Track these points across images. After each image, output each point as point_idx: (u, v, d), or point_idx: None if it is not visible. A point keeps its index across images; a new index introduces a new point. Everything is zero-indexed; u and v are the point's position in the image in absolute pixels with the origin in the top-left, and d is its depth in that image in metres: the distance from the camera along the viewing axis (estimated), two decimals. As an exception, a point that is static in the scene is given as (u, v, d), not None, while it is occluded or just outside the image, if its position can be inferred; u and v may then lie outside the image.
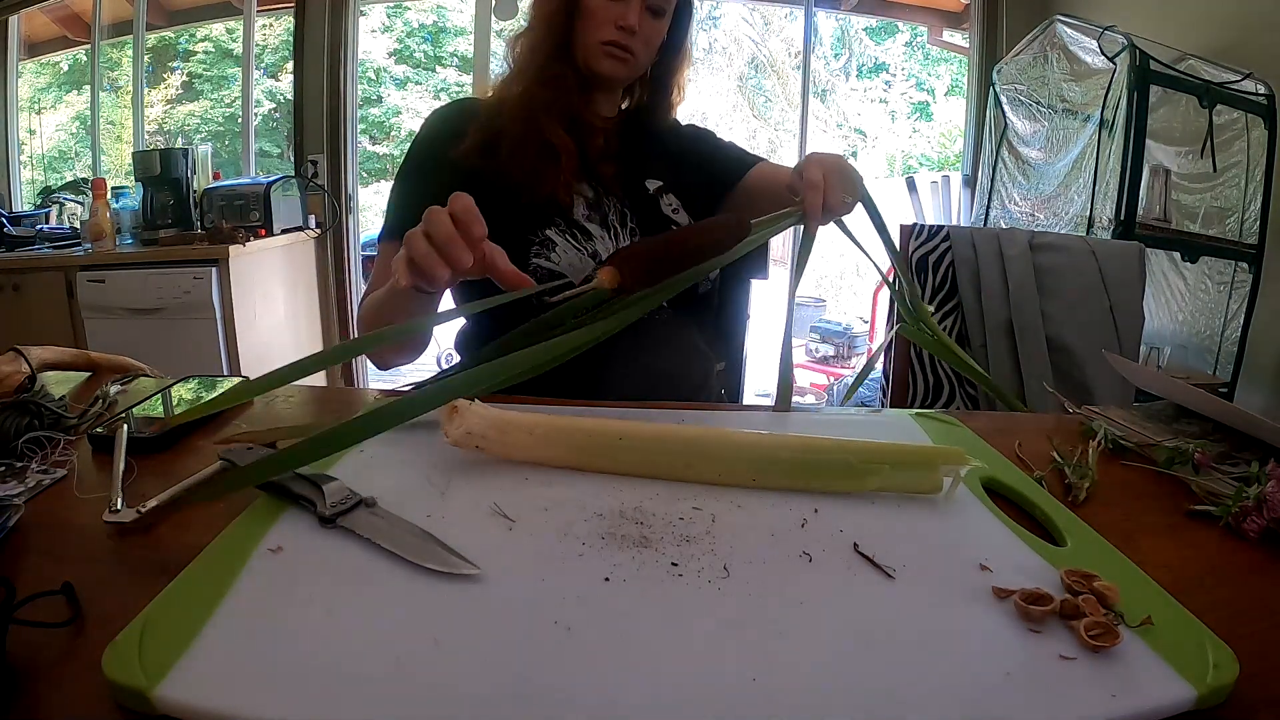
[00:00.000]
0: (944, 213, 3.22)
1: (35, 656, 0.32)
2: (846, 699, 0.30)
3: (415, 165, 0.88)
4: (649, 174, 0.94)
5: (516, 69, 0.89)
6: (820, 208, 0.72)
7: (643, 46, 0.88)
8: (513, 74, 0.90)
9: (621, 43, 0.86)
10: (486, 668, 0.31)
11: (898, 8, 3.52)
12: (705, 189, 0.96)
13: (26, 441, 0.53)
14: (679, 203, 0.94)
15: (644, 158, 0.95)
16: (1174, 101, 2.07)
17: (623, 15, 0.84)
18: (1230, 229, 2.09)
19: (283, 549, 0.39)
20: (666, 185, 0.95)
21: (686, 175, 0.96)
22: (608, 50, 0.86)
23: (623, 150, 0.94)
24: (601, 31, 0.85)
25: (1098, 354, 1.46)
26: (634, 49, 0.86)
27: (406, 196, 0.86)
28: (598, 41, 0.86)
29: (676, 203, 0.94)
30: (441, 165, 0.85)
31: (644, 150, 0.96)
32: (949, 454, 0.47)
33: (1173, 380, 0.66)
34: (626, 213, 0.89)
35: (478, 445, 0.49)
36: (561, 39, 0.87)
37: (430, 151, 0.87)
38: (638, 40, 0.86)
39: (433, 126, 0.89)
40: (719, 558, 0.40)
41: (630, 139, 0.95)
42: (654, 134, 0.97)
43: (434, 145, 0.87)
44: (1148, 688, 0.31)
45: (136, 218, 2.70)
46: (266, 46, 3.75)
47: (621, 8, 0.84)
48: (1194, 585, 0.40)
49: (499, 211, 0.79)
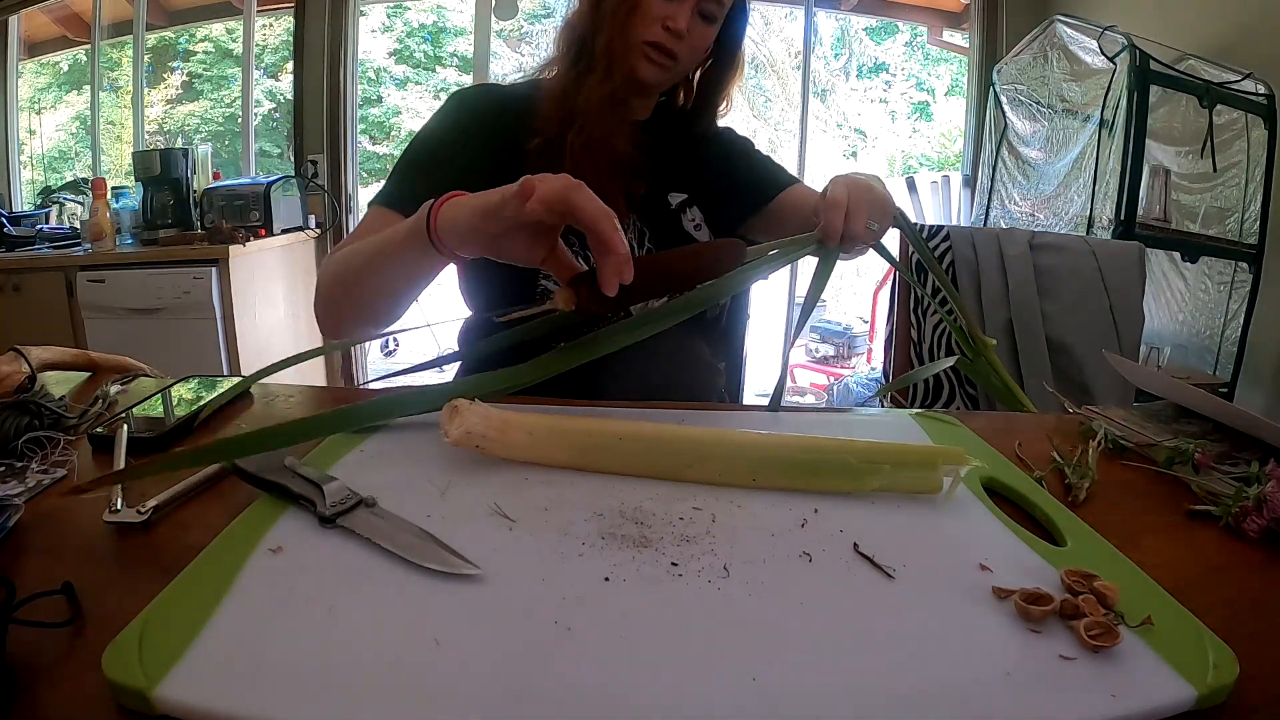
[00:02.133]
0: (944, 213, 3.22)
1: (35, 656, 0.32)
2: (846, 699, 0.30)
3: (433, 142, 0.81)
4: (674, 186, 0.88)
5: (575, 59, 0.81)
6: (839, 230, 0.66)
7: (687, 52, 0.80)
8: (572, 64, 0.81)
9: (666, 46, 0.78)
10: (486, 668, 0.31)
11: (898, 8, 3.52)
12: (734, 204, 0.90)
13: (26, 441, 0.53)
14: (702, 217, 0.88)
15: (671, 167, 0.88)
16: (1174, 101, 2.07)
17: (672, 16, 0.77)
18: (1230, 229, 2.09)
19: (283, 549, 0.39)
20: (691, 198, 0.88)
21: (714, 185, 0.90)
22: (648, 51, 0.79)
23: (649, 158, 0.85)
24: (647, 30, 0.78)
25: (1098, 354, 1.46)
26: (678, 54, 0.79)
27: (414, 169, 0.79)
28: (640, 40, 0.78)
29: (700, 217, 0.88)
30: (458, 149, 0.79)
31: (672, 158, 0.88)
32: (949, 454, 0.47)
33: (1173, 380, 0.66)
34: (646, 230, 0.84)
35: (478, 445, 0.49)
36: (628, 38, 0.79)
37: (451, 131, 0.81)
38: (683, 45, 0.79)
39: (455, 108, 0.83)
40: (719, 558, 0.40)
41: (658, 145, 0.87)
42: (686, 140, 0.90)
43: (455, 128, 0.81)
44: (1148, 688, 0.31)
45: (136, 218, 2.70)
46: (266, 46, 3.75)
47: (672, 7, 0.77)
48: (1194, 585, 0.40)
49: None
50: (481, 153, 0.79)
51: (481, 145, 0.79)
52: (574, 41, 0.82)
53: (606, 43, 0.79)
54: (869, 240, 0.70)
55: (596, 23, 0.80)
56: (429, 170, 0.78)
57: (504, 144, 0.80)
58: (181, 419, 0.59)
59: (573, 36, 0.83)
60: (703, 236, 0.87)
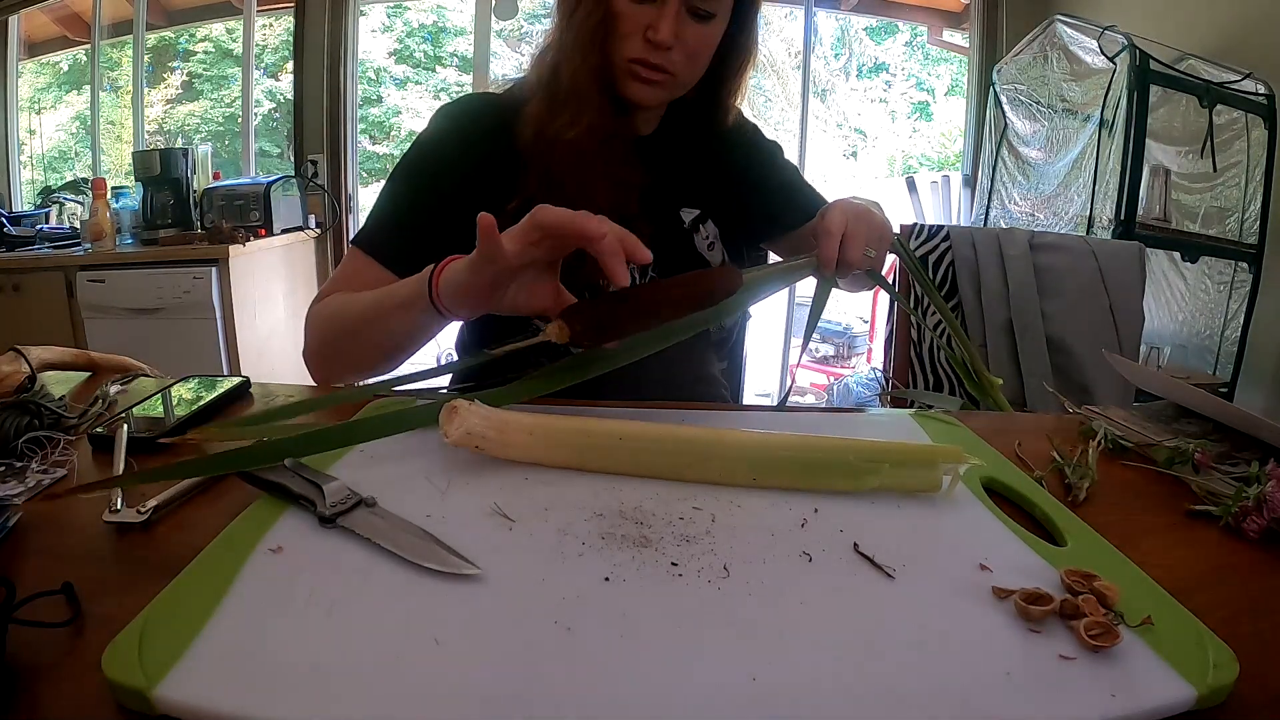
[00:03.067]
0: (944, 213, 3.22)
1: (35, 656, 0.32)
2: (846, 699, 0.30)
3: (413, 170, 0.76)
4: (686, 200, 0.81)
5: (549, 91, 0.72)
6: (834, 258, 0.64)
7: (684, 61, 0.70)
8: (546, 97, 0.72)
9: (652, 61, 0.69)
10: (486, 667, 0.31)
11: (898, 8, 3.52)
12: (753, 224, 0.84)
13: (26, 441, 0.53)
14: (717, 233, 0.82)
15: (682, 179, 0.81)
16: (1174, 101, 2.07)
17: (653, 24, 0.67)
18: (1230, 229, 2.09)
19: (283, 549, 0.39)
20: (705, 212, 0.82)
21: (732, 201, 0.82)
22: (635, 69, 0.69)
23: (658, 170, 0.78)
24: (627, 46, 0.68)
25: (1098, 354, 1.46)
26: (671, 66, 0.69)
27: (396, 202, 0.75)
28: (625, 58, 0.69)
29: (714, 234, 0.82)
30: (442, 174, 0.74)
31: (683, 168, 0.81)
32: (948, 452, 0.47)
33: (1173, 380, 0.66)
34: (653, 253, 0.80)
35: (477, 445, 0.49)
36: (599, 60, 0.70)
37: (433, 158, 0.76)
38: (676, 54, 0.69)
39: (438, 129, 0.77)
40: (719, 558, 0.40)
41: (668, 155, 0.79)
42: (699, 141, 0.82)
43: (438, 151, 0.76)
44: (1148, 688, 0.31)
45: (136, 218, 2.70)
46: (266, 46, 3.75)
47: (651, 13, 0.67)
48: (1194, 585, 0.40)
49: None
50: (472, 166, 0.74)
51: (473, 158, 0.75)
52: (545, 72, 0.74)
53: (572, 75, 0.70)
54: (865, 268, 0.67)
55: (565, 47, 0.71)
56: (407, 206, 0.74)
57: (497, 155, 0.74)
58: (181, 419, 0.59)
59: (543, 65, 0.74)
60: (715, 256, 0.82)
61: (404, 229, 0.74)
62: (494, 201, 0.72)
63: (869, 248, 0.66)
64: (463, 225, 0.73)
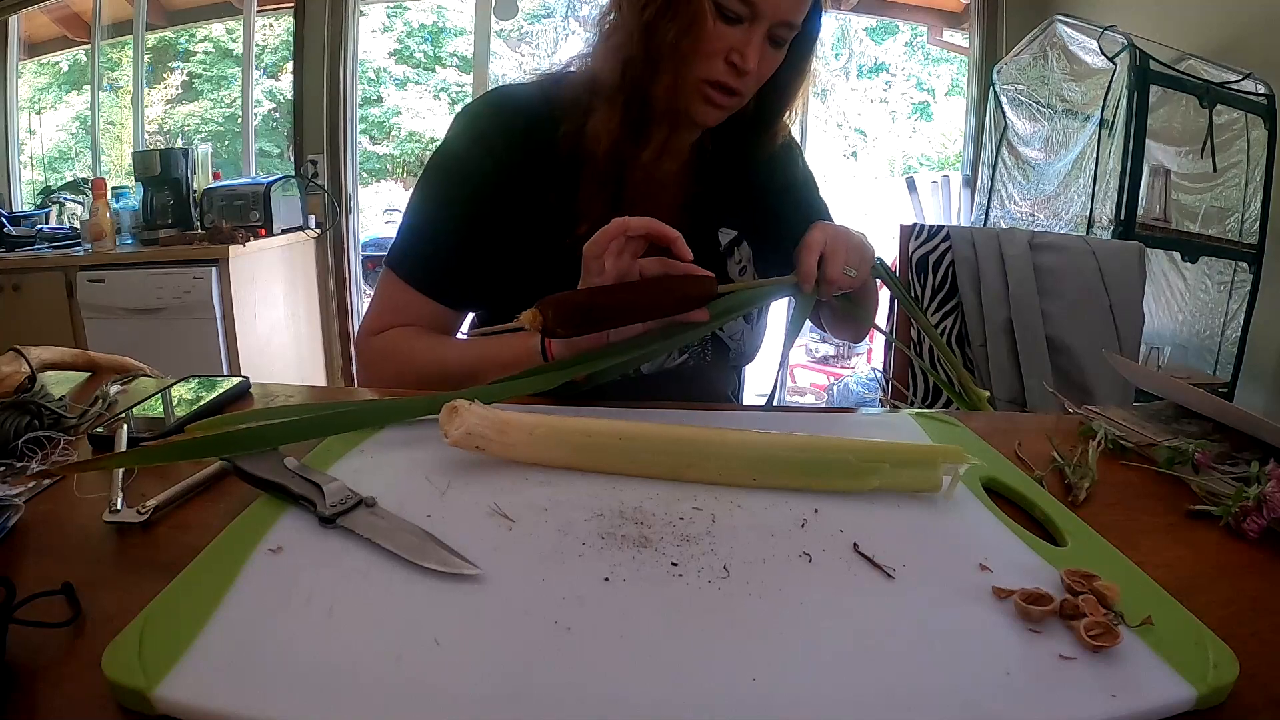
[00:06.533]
0: (944, 213, 3.22)
1: (35, 656, 0.32)
2: (846, 699, 0.30)
3: (442, 183, 0.74)
4: (725, 220, 0.80)
5: (626, 108, 0.69)
6: (813, 272, 0.64)
7: (753, 85, 0.69)
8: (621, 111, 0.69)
9: (730, 85, 0.67)
10: (486, 668, 0.31)
11: (898, 8, 3.52)
12: (783, 252, 0.80)
13: (26, 441, 0.53)
14: (750, 256, 0.81)
15: (722, 199, 0.79)
16: (1174, 101, 2.07)
17: (739, 47, 0.64)
18: (1230, 229, 2.09)
19: (283, 549, 0.39)
20: (742, 233, 0.81)
21: (767, 225, 0.81)
22: (708, 91, 0.67)
23: (698, 188, 0.77)
24: (708, 66, 0.66)
25: (1098, 354, 1.46)
26: (743, 90, 0.68)
27: (428, 221, 0.74)
28: (700, 78, 0.67)
29: (747, 257, 0.81)
30: (472, 185, 0.73)
31: (727, 186, 0.79)
32: (948, 452, 0.47)
33: (1173, 380, 0.66)
34: None
35: (477, 445, 0.49)
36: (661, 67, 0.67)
37: (461, 170, 0.74)
38: (750, 79, 0.67)
39: (465, 135, 0.75)
40: (719, 558, 0.40)
41: (710, 174, 0.78)
42: (742, 158, 0.79)
43: (465, 162, 0.74)
44: (1148, 688, 0.31)
45: (136, 218, 2.70)
46: (266, 46, 3.75)
47: (740, 36, 0.64)
48: (1194, 585, 0.40)
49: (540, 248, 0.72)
50: (504, 175, 0.73)
51: (503, 166, 0.73)
52: (615, 79, 0.70)
53: (669, 87, 0.68)
54: (845, 286, 0.67)
55: (652, 56, 0.67)
56: (440, 220, 0.74)
57: (528, 157, 0.73)
58: (181, 419, 0.59)
59: (612, 71, 0.70)
60: (746, 279, 0.81)
61: (440, 253, 0.74)
62: (528, 206, 0.73)
63: (848, 266, 0.66)
64: (498, 236, 0.74)
